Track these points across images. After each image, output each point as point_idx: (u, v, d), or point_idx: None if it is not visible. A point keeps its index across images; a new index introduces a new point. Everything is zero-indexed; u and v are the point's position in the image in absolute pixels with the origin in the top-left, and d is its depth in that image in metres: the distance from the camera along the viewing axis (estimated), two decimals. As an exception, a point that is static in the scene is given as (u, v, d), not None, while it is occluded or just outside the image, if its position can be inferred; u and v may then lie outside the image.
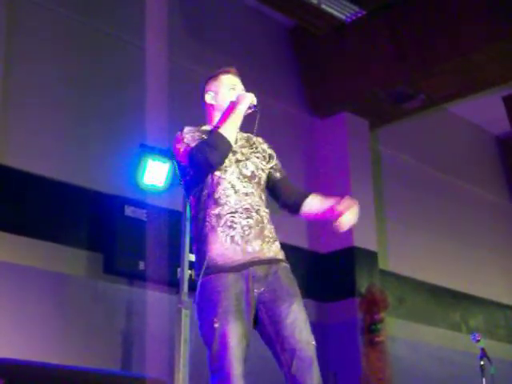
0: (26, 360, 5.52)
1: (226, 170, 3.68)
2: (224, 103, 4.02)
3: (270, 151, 4.02)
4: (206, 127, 3.96)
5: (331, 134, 9.72)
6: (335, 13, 8.74)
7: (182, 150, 3.82)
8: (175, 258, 6.78)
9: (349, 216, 3.88)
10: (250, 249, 3.58)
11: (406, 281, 10.27)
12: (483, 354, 6.57)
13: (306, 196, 3.95)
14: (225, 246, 3.56)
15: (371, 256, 9.33)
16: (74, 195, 7.12)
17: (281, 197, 3.95)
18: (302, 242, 9.04)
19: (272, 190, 3.93)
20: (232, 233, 3.58)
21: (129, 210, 7.26)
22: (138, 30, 7.78)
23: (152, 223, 7.31)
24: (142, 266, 7.14)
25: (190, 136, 3.90)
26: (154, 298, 7.27)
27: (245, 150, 3.86)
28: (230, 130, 3.74)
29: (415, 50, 8.84)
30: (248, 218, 3.63)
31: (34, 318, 6.55)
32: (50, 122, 7.19)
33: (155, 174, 6.72)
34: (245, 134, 3.97)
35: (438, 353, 10.23)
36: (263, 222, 3.68)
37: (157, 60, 7.87)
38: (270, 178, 3.90)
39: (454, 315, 11.06)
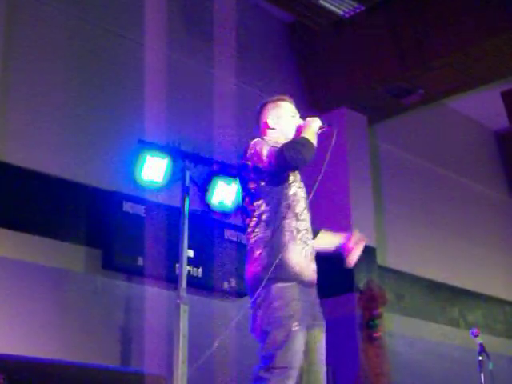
0: (24, 355, 5.52)
1: (300, 189, 3.96)
2: (286, 127, 4.26)
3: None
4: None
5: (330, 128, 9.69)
6: (334, 8, 8.73)
7: (264, 150, 3.94)
8: (173, 254, 6.79)
9: (356, 253, 4.16)
10: (312, 267, 3.92)
11: (404, 276, 10.28)
12: (482, 350, 6.58)
13: (316, 233, 4.14)
14: (301, 259, 3.83)
15: (369, 252, 9.32)
16: (72, 191, 7.12)
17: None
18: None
19: None
20: (306, 248, 3.87)
21: (127, 206, 7.27)
22: (136, 26, 7.77)
23: (150, 219, 7.31)
24: (140, 261, 7.15)
25: (271, 142, 4.06)
26: (153, 293, 7.27)
27: (300, 178, 4.08)
28: (313, 139, 3.98)
29: (414, 45, 8.84)
30: (311, 239, 3.95)
31: (33, 313, 6.55)
32: (48, 119, 7.18)
33: (153, 169, 6.71)
34: None
35: (437, 348, 10.24)
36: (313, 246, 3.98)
37: (155, 55, 7.86)
38: None
39: (453, 311, 11.07)
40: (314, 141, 4.00)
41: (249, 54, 9.06)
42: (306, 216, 3.93)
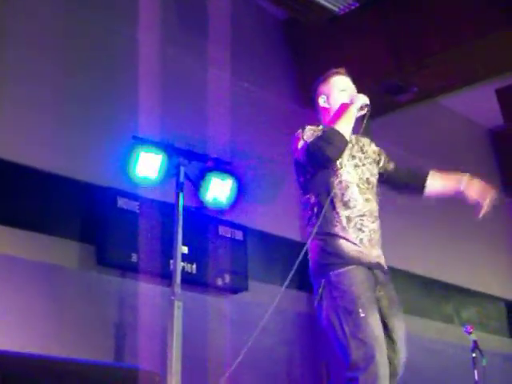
0: (18, 351, 5.51)
1: (349, 174, 3.88)
2: (336, 105, 4.15)
3: (377, 150, 4.22)
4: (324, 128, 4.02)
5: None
6: (328, 5, 8.73)
7: (300, 146, 3.97)
8: (168, 250, 6.79)
9: (485, 206, 4.43)
10: (374, 253, 3.85)
11: (398, 273, 10.27)
12: (475, 346, 6.61)
13: (426, 176, 4.26)
14: (354, 247, 3.77)
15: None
16: (66, 187, 7.10)
17: (400, 184, 4.24)
18: (294, 234, 9.03)
19: (388, 180, 4.17)
20: (361, 235, 3.82)
21: (121, 202, 7.26)
22: (131, 21, 7.75)
23: (145, 215, 7.31)
24: (134, 257, 7.14)
25: (309, 133, 4.05)
26: (147, 289, 7.26)
27: (360, 156, 4.04)
28: (345, 127, 3.85)
29: (408, 42, 8.84)
30: (373, 222, 3.90)
31: (26, 309, 6.54)
32: (41, 114, 7.16)
33: (148, 165, 6.70)
34: (356, 139, 4.12)
35: (431, 345, 10.25)
36: (380, 229, 3.97)
37: (150, 50, 7.84)
38: (383, 172, 4.13)
39: (447, 307, 11.09)
40: (348, 127, 3.88)
41: (243, 50, 9.06)
42: (359, 201, 3.85)
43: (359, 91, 4.17)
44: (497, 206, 4.17)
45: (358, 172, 3.93)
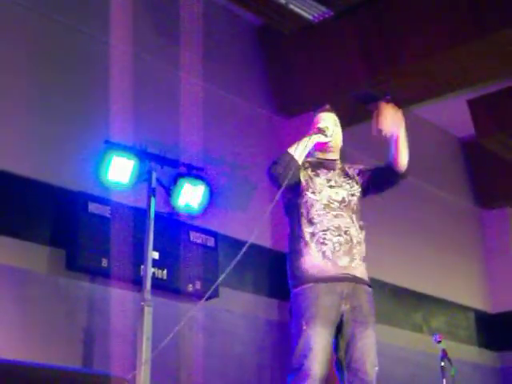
0: (-15, 356, 5.47)
1: (319, 193, 4.12)
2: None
3: (356, 171, 4.50)
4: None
5: (297, 133, 9.68)
6: (303, 13, 8.75)
7: None
8: (139, 256, 6.78)
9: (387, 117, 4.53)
10: (340, 263, 3.99)
11: (368, 281, 10.32)
12: (444, 355, 6.62)
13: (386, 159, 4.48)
14: (317, 259, 3.96)
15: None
16: (37, 191, 7.06)
17: (379, 179, 4.55)
18: (265, 241, 9.04)
19: (373, 185, 4.49)
20: (324, 248, 3.99)
21: (92, 207, 7.22)
22: (103, 25, 7.72)
23: (116, 220, 7.27)
24: (104, 262, 7.10)
25: None
26: (117, 295, 7.23)
27: (339, 179, 4.29)
28: (296, 151, 4.16)
29: (381, 51, 8.88)
30: (339, 235, 4.05)
31: (-5, 313, 6.49)
32: (12, 118, 7.11)
33: (120, 170, 6.68)
34: (343, 167, 4.44)
35: (400, 353, 10.29)
36: (352, 242, 4.10)
37: (122, 56, 7.82)
38: (365, 183, 4.43)
39: (416, 316, 11.14)
40: (299, 151, 4.17)
41: (217, 57, 9.06)
42: (323, 218, 4.05)
43: (333, 99, 4.39)
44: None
45: (330, 192, 4.17)
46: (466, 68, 8.89)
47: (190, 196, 7.12)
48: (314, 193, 4.12)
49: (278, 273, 8.96)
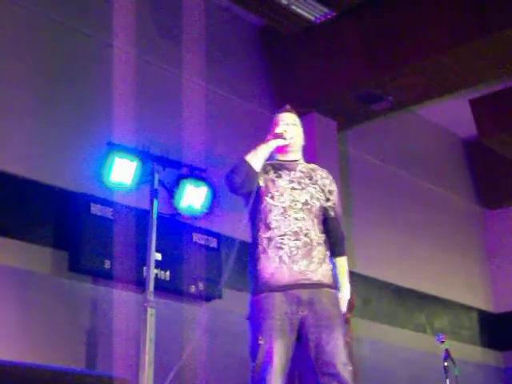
0: (-12, 358, 5.47)
1: (279, 198, 4.06)
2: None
3: (330, 187, 4.31)
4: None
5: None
6: (304, 13, 8.75)
7: None
8: (141, 257, 6.77)
9: None
10: (296, 268, 3.92)
11: (371, 282, 10.31)
12: (447, 355, 6.62)
13: (335, 255, 4.28)
14: (274, 265, 3.93)
15: (337, 256, 9.34)
16: (40, 192, 7.06)
17: (329, 236, 4.22)
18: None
19: (325, 224, 4.21)
20: (281, 253, 3.94)
21: (95, 208, 7.22)
22: (106, 27, 7.72)
23: (118, 221, 7.27)
24: (107, 264, 7.10)
25: None
26: (120, 296, 7.23)
27: (303, 181, 4.19)
28: (253, 158, 4.13)
29: (383, 51, 8.88)
30: (296, 240, 3.97)
31: (-2, 315, 6.50)
32: (15, 120, 7.11)
33: (122, 171, 6.68)
34: (310, 166, 4.34)
35: (403, 353, 10.28)
36: (312, 244, 4.01)
37: (124, 57, 7.83)
38: (325, 213, 4.21)
39: (419, 316, 11.13)
40: (257, 157, 4.14)
41: (219, 58, 9.06)
42: (281, 222, 4.00)
43: (335, 100, 4.32)
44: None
45: (292, 194, 4.09)
46: (468, 68, 8.89)
47: (193, 197, 7.12)
48: (272, 197, 4.07)
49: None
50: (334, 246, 4.24)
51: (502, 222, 12.92)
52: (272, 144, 4.21)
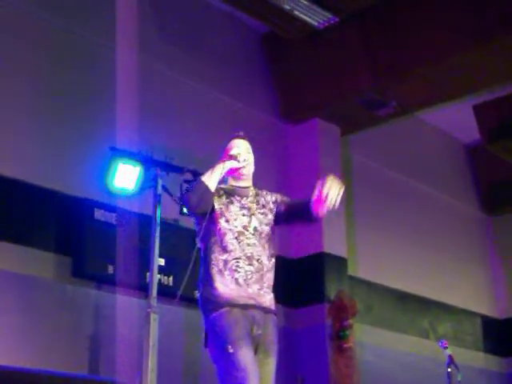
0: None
1: (233, 222, 4.17)
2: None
3: (272, 197, 4.40)
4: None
5: (303, 139, 9.73)
6: (308, 19, 8.75)
7: None
8: (144, 263, 6.77)
9: (330, 197, 4.10)
10: (250, 291, 4.07)
11: (374, 287, 10.31)
12: (451, 361, 6.61)
13: (309, 202, 4.17)
14: (230, 286, 4.05)
15: (340, 262, 9.35)
16: (43, 198, 7.06)
17: (293, 217, 4.38)
18: (271, 247, 9.04)
19: (284, 219, 4.35)
20: (236, 275, 4.07)
21: (98, 214, 7.23)
22: (109, 32, 7.73)
23: (122, 227, 7.28)
24: (111, 269, 7.10)
25: None
26: (123, 302, 7.23)
27: (252, 206, 4.30)
28: (208, 179, 4.18)
29: (387, 57, 8.89)
30: (250, 264, 4.12)
31: (1, 320, 6.49)
32: (18, 125, 7.12)
33: (125, 177, 6.69)
34: (257, 191, 4.40)
35: (406, 359, 10.27)
36: (263, 270, 4.17)
37: (128, 62, 7.83)
38: (278, 214, 4.33)
39: (422, 322, 11.12)
40: (211, 179, 4.19)
41: (222, 63, 9.07)
42: (236, 246, 4.11)
43: (339, 105, 4.30)
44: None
45: (244, 220, 4.21)
46: (472, 74, 8.89)
47: (196, 202, 7.10)
48: (227, 221, 4.17)
49: (283, 279, 8.95)
50: (303, 203, 4.21)
51: (506, 228, 12.92)
52: (227, 165, 4.29)
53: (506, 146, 11.18)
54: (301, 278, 9.24)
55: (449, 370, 6.58)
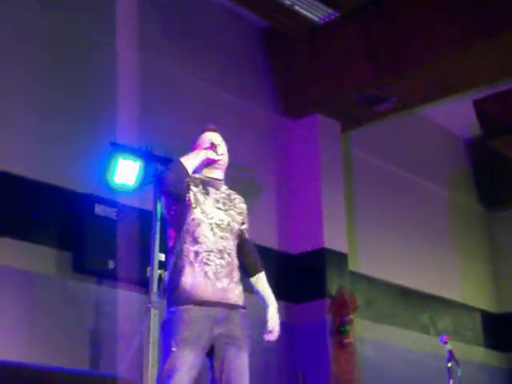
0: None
1: (207, 214, 4.16)
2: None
3: (246, 212, 4.46)
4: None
5: (303, 135, 9.74)
6: (308, 14, 8.75)
7: None
8: (145, 258, 6.77)
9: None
10: (219, 285, 4.07)
11: (375, 282, 10.32)
12: (451, 356, 6.62)
13: (255, 273, 4.39)
14: (198, 279, 4.02)
15: (341, 257, 9.35)
16: (43, 193, 7.07)
17: (242, 257, 4.33)
18: (271, 242, 9.05)
19: (238, 246, 4.32)
20: (206, 268, 4.05)
21: (99, 209, 7.23)
22: (109, 28, 7.73)
23: (122, 222, 7.28)
24: (111, 264, 7.11)
25: None
26: (124, 297, 7.24)
27: (226, 202, 4.32)
28: (188, 161, 4.23)
29: (387, 53, 8.89)
30: (221, 258, 4.11)
31: (2, 316, 6.50)
32: (19, 120, 7.13)
33: (126, 172, 6.69)
34: (228, 191, 4.41)
35: (406, 354, 10.28)
36: (233, 265, 4.17)
37: (128, 58, 7.83)
38: (240, 235, 4.35)
39: (423, 317, 11.13)
40: (191, 161, 4.24)
41: (222, 59, 9.07)
42: (209, 238, 4.11)
43: (339, 101, 4.30)
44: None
45: (218, 214, 4.22)
46: (472, 70, 8.89)
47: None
48: (203, 212, 4.16)
49: (284, 274, 8.97)
50: (255, 263, 4.39)
51: (506, 223, 12.93)
52: (207, 153, 4.33)
53: (506, 141, 11.19)
54: (301, 274, 9.24)
55: (449, 365, 6.58)
